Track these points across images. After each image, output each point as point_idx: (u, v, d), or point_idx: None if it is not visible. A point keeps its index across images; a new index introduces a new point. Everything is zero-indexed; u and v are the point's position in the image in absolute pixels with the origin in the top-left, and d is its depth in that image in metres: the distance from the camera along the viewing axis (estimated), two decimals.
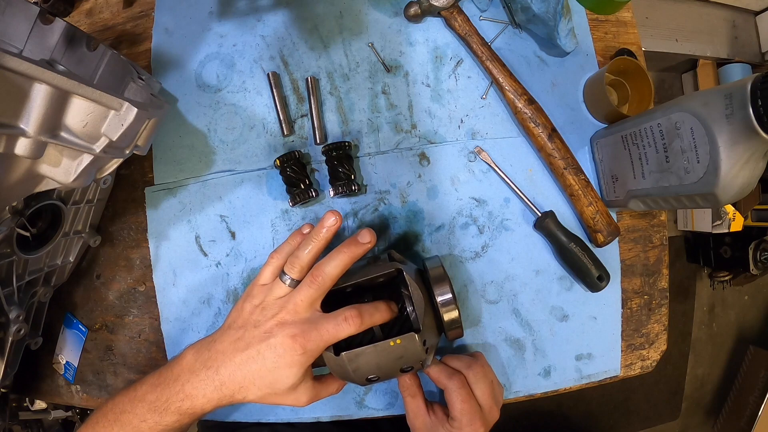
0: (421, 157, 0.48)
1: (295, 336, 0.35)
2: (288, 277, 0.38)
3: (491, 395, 0.40)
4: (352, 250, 0.37)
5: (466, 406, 0.38)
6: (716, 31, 1.37)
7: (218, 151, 0.49)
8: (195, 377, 0.36)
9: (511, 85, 0.46)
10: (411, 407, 0.41)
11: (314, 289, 0.36)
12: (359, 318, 0.35)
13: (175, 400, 0.35)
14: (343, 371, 0.37)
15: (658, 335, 0.49)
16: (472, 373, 0.40)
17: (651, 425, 1.54)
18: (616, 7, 0.49)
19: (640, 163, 0.41)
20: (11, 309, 0.41)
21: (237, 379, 0.35)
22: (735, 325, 1.62)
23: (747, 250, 1.38)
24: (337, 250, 0.37)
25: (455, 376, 0.39)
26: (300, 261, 0.38)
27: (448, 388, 0.39)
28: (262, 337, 0.36)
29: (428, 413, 0.41)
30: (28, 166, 0.32)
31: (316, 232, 0.38)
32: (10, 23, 0.40)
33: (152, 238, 0.49)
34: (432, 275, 0.39)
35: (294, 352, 0.35)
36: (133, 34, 0.51)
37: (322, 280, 0.36)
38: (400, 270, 0.38)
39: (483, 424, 0.39)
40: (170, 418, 0.35)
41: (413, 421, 0.41)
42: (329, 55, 0.49)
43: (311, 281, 0.36)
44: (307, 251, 0.38)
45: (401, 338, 0.35)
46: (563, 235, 0.45)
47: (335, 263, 0.37)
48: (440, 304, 0.38)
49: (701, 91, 0.34)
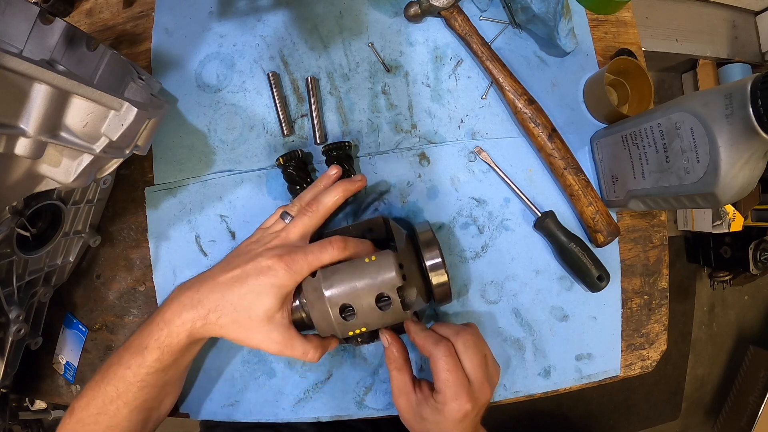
0: (421, 157, 0.48)
1: (281, 255, 0.36)
2: (288, 215, 0.40)
3: (482, 369, 0.35)
4: (346, 186, 0.41)
5: (451, 376, 0.34)
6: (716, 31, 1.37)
7: (218, 151, 0.49)
8: (175, 302, 0.36)
9: (511, 85, 0.46)
10: (396, 382, 0.38)
11: (308, 216, 0.39)
12: (343, 242, 0.37)
13: (155, 330, 0.35)
14: (318, 296, 0.36)
15: (658, 335, 0.49)
16: (461, 341, 0.35)
17: (651, 425, 1.54)
18: (616, 7, 0.49)
19: (640, 163, 0.41)
20: (11, 309, 0.41)
21: (215, 297, 0.35)
22: (735, 325, 1.62)
23: (747, 250, 1.38)
24: (334, 186, 0.40)
25: (442, 342, 0.35)
26: (300, 200, 0.42)
27: (433, 355, 0.35)
28: (249, 259, 0.37)
29: (414, 390, 0.37)
30: (28, 166, 0.32)
31: (319, 180, 0.42)
32: (10, 23, 0.40)
33: (152, 238, 0.49)
34: (421, 239, 0.39)
35: (277, 270, 0.35)
36: (133, 34, 0.51)
37: (317, 208, 0.39)
38: (386, 218, 0.40)
39: (470, 399, 0.34)
40: (151, 356, 0.35)
41: (398, 399, 0.38)
42: (329, 55, 0.49)
43: (306, 209, 0.39)
44: (308, 195, 0.41)
45: (376, 255, 0.36)
46: (563, 235, 0.45)
47: (331, 195, 0.40)
48: (429, 268, 0.38)
49: (701, 91, 0.34)
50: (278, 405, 0.46)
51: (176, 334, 0.35)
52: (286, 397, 0.46)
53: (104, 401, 0.36)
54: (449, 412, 0.34)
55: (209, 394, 0.47)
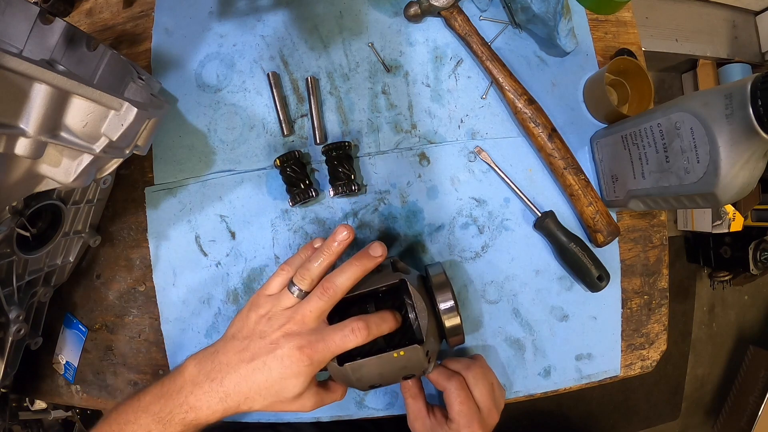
0: (421, 157, 0.48)
1: (302, 347, 0.35)
2: (297, 288, 0.37)
3: (490, 397, 0.40)
4: (363, 263, 0.37)
5: (464, 407, 0.38)
6: (716, 31, 1.37)
7: (218, 151, 0.49)
8: (198, 389, 0.35)
9: (511, 85, 0.46)
10: (412, 409, 0.41)
11: (324, 300, 0.36)
12: (366, 330, 0.35)
13: (179, 412, 0.35)
14: (346, 379, 0.37)
15: (658, 335, 0.49)
16: (471, 375, 0.40)
17: (651, 425, 1.54)
18: (616, 7, 0.49)
19: (640, 163, 0.41)
20: (11, 309, 0.41)
21: (242, 390, 0.35)
22: (735, 325, 1.62)
23: (747, 250, 1.38)
24: (349, 263, 0.37)
25: (454, 377, 0.39)
26: (310, 273, 0.37)
27: (447, 389, 0.39)
28: (268, 348, 0.35)
29: (428, 415, 0.41)
30: (28, 166, 0.32)
31: (327, 245, 0.37)
32: (10, 23, 0.40)
33: (152, 238, 0.49)
34: (434, 282, 0.39)
35: (301, 363, 0.34)
36: (133, 34, 0.51)
37: (333, 293, 0.36)
38: (404, 280, 0.38)
39: (481, 426, 0.38)
40: (174, 429, 0.35)
41: (413, 423, 0.41)
42: (329, 55, 0.49)
43: (321, 293, 0.36)
44: (317, 263, 0.37)
45: (405, 350, 0.35)
46: (563, 235, 0.45)
47: (347, 275, 0.36)
48: (442, 312, 0.38)
49: (701, 91, 0.34)
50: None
51: (205, 419, 0.35)
52: None
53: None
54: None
55: None
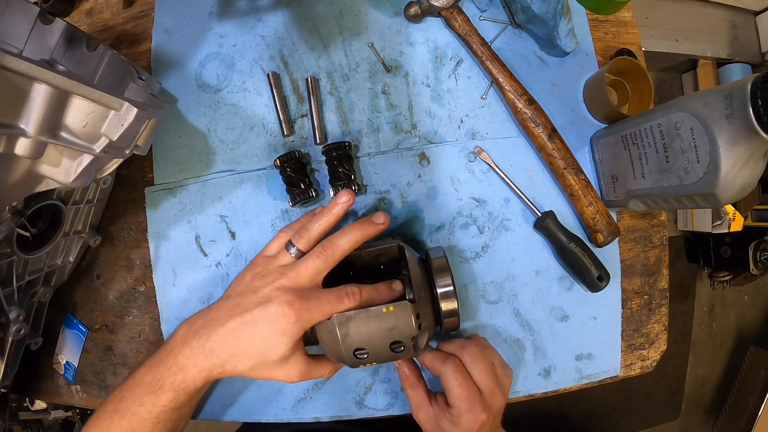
0: (421, 157, 0.48)
1: (291, 302, 0.34)
2: (294, 248, 0.37)
3: (491, 377, 0.36)
4: (365, 228, 0.37)
5: (463, 390, 0.35)
6: (716, 31, 1.37)
7: (218, 151, 0.49)
8: (186, 347, 0.35)
9: (511, 85, 0.46)
10: (413, 399, 0.39)
11: (322, 260, 0.36)
12: (359, 294, 0.35)
13: (169, 374, 0.35)
14: (332, 339, 0.36)
15: (658, 335, 0.49)
16: (468, 354, 0.37)
17: (651, 425, 1.54)
18: (616, 7, 0.49)
19: (640, 163, 0.41)
20: (11, 309, 0.41)
21: (228, 346, 0.34)
22: (735, 325, 1.62)
23: (747, 250, 1.38)
24: (351, 226, 0.37)
25: (449, 359, 0.37)
26: (309, 233, 0.37)
27: (443, 373, 0.36)
28: (258, 302, 0.35)
29: (431, 404, 0.38)
30: (28, 166, 0.32)
31: (328, 208, 0.38)
32: (10, 23, 0.40)
33: (152, 238, 0.49)
34: (434, 265, 0.39)
35: (288, 319, 0.34)
36: (133, 34, 0.51)
37: (332, 252, 0.36)
38: (402, 246, 0.38)
39: (484, 409, 0.35)
40: (166, 396, 0.35)
41: (417, 414, 0.39)
42: (329, 55, 0.49)
43: (320, 252, 0.36)
44: (317, 225, 0.37)
45: (394, 305, 0.35)
46: (563, 235, 0.45)
47: (347, 238, 0.36)
48: (440, 295, 0.38)
49: (701, 91, 0.34)
50: (278, 405, 0.46)
51: (192, 380, 0.35)
52: (286, 397, 0.46)
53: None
54: (466, 423, 0.35)
55: (209, 393, 0.47)
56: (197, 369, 0.35)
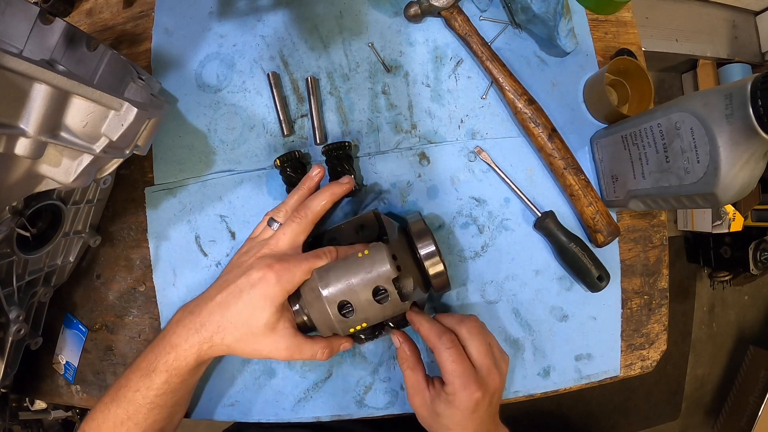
0: (421, 157, 0.48)
1: (270, 265, 0.35)
2: (275, 222, 0.40)
3: (488, 354, 0.35)
4: (332, 189, 0.40)
5: (458, 366, 0.34)
6: (716, 31, 1.37)
7: (218, 151, 0.49)
8: (179, 325, 0.37)
9: (511, 85, 0.46)
10: (410, 381, 0.38)
11: (296, 222, 0.38)
12: (335, 251, 0.37)
13: (162, 354, 0.36)
14: (315, 296, 0.36)
15: (658, 335, 0.49)
16: (465, 330, 0.36)
17: (651, 425, 1.54)
18: (616, 7, 0.49)
19: (640, 163, 0.41)
20: (11, 309, 0.41)
21: (215, 318, 0.36)
22: (735, 325, 1.62)
23: (747, 250, 1.38)
24: (320, 190, 0.40)
25: (445, 333, 0.35)
26: (285, 206, 0.41)
27: (437, 348, 0.35)
28: (241, 273, 0.37)
29: (428, 387, 0.37)
30: (28, 166, 0.32)
31: (302, 182, 0.42)
32: (10, 23, 0.40)
33: (152, 238, 0.49)
34: (413, 230, 0.39)
35: (268, 281, 0.35)
36: (133, 34, 0.51)
37: (305, 214, 0.38)
38: (377, 212, 0.40)
39: (479, 386, 0.34)
40: (159, 378, 0.35)
41: (413, 398, 0.38)
42: (329, 55, 0.49)
43: (294, 216, 0.39)
44: (293, 199, 0.41)
45: (368, 248, 0.36)
46: (563, 235, 0.45)
47: (318, 199, 0.40)
48: (423, 257, 0.38)
49: (701, 91, 0.34)
50: (278, 405, 0.46)
51: (184, 358, 0.36)
52: (286, 397, 0.46)
53: (115, 423, 0.36)
54: (460, 401, 0.34)
55: (209, 394, 0.47)
56: (188, 344, 0.36)
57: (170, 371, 0.36)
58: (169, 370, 0.36)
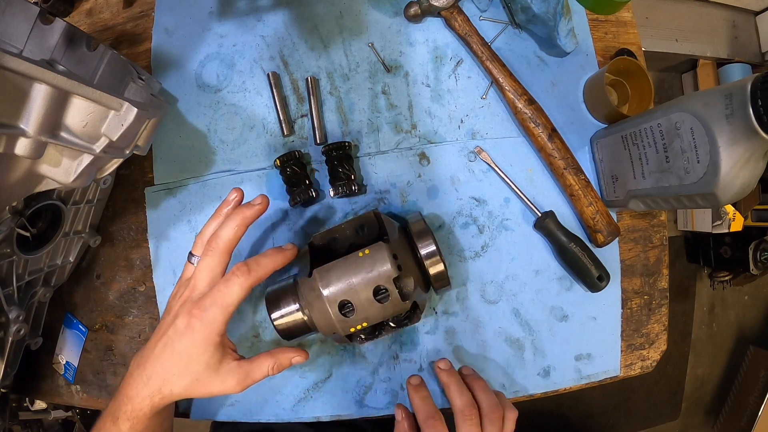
0: (421, 157, 0.48)
1: (191, 311, 0.34)
2: (195, 257, 0.38)
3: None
4: (243, 212, 0.37)
5: None
6: (716, 31, 1.37)
7: (218, 151, 0.49)
8: (131, 378, 0.36)
9: (511, 85, 0.46)
10: None
11: (209, 256, 0.36)
12: (245, 267, 0.35)
13: (122, 404, 0.36)
14: (316, 296, 0.36)
15: (658, 335, 0.49)
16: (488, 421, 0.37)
17: (651, 425, 1.54)
18: (616, 7, 0.49)
19: (640, 163, 0.41)
20: (11, 309, 0.41)
21: (158, 371, 0.35)
22: (735, 325, 1.62)
23: (747, 250, 1.38)
24: (228, 216, 0.37)
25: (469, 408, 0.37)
26: (202, 238, 0.39)
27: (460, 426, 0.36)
28: (170, 322, 0.36)
29: None
30: (28, 166, 0.32)
31: (218, 210, 0.39)
32: (10, 23, 0.40)
33: (152, 238, 0.49)
34: (414, 230, 0.39)
35: (193, 329, 0.34)
36: (133, 34, 0.51)
37: (216, 245, 0.36)
38: (377, 212, 0.39)
39: None
40: (124, 425, 0.35)
41: None
42: (329, 55, 0.49)
43: (206, 250, 0.36)
44: (209, 229, 0.38)
45: (369, 248, 0.35)
46: (563, 235, 0.45)
47: (228, 227, 0.36)
48: (424, 257, 0.38)
49: (701, 91, 0.34)
50: (278, 405, 0.46)
51: (140, 409, 0.35)
52: (286, 397, 0.46)
53: None
54: None
55: None
56: (140, 398, 0.35)
57: (131, 420, 0.36)
58: (130, 419, 0.36)
